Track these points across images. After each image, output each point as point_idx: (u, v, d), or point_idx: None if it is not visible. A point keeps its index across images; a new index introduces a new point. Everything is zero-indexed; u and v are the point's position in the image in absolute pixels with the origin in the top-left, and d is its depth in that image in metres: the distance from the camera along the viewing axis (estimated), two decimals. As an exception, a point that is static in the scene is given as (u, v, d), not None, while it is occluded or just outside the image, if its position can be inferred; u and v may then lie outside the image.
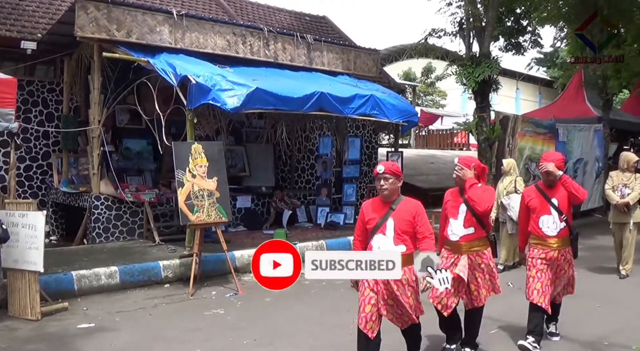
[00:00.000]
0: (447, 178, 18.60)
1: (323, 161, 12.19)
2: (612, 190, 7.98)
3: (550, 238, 5.04)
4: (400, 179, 4.18)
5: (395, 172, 4.16)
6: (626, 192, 7.84)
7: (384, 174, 4.12)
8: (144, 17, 8.80)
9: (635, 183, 7.85)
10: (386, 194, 4.14)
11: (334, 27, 17.41)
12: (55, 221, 10.64)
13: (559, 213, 5.03)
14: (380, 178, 4.13)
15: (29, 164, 10.55)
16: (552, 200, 5.05)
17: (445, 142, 29.27)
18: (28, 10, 11.04)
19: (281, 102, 8.41)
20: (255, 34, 10.08)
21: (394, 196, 4.13)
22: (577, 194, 4.95)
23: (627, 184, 7.86)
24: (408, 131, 27.52)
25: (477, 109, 12.05)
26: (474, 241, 4.65)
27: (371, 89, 10.42)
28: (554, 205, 5.04)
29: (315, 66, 10.85)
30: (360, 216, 4.28)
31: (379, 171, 4.12)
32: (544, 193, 5.11)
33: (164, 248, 8.65)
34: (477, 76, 11.28)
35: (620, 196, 7.88)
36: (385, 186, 4.11)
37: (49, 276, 6.51)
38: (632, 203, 7.82)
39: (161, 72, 8.12)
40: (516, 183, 8.20)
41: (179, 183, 7.37)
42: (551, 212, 5.04)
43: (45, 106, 10.69)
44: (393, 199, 4.13)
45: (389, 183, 4.11)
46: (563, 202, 5.05)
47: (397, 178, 4.15)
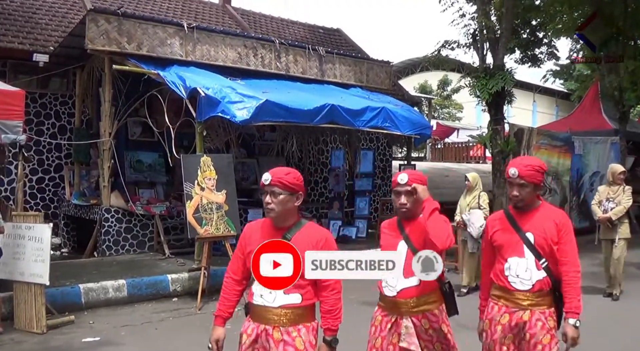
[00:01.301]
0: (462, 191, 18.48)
1: (335, 174, 12.13)
2: (597, 205, 7.61)
3: (520, 293, 3.19)
4: (296, 197, 2.89)
5: None
6: (609, 207, 7.43)
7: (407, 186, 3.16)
8: (155, 29, 8.85)
9: (623, 196, 7.42)
10: (406, 211, 3.20)
11: (347, 39, 17.43)
12: (67, 234, 10.70)
13: (536, 255, 3.17)
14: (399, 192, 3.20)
15: (41, 177, 10.63)
16: (527, 235, 3.20)
17: (461, 155, 29.08)
18: (41, 24, 11.16)
19: (291, 114, 8.38)
20: (266, 46, 10.09)
21: (289, 220, 2.89)
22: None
23: (613, 198, 7.44)
24: (423, 144, 27.71)
25: (491, 121, 11.91)
26: (419, 296, 3.15)
27: (383, 102, 10.34)
28: (529, 242, 3.18)
29: (327, 78, 10.83)
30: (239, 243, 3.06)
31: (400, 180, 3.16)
32: (515, 223, 3.26)
33: (174, 261, 8.62)
34: (490, 87, 11.16)
35: (603, 210, 7.48)
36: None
37: (56, 289, 6.49)
38: (614, 218, 7.37)
39: (171, 84, 8.14)
40: (479, 198, 7.76)
41: (187, 195, 7.34)
42: (524, 253, 3.18)
43: (57, 118, 10.79)
44: (287, 226, 2.88)
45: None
46: (542, 237, 3.17)
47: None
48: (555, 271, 3.18)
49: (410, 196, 3.15)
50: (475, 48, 12.19)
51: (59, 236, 10.61)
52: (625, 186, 7.52)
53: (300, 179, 2.86)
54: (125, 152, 10.53)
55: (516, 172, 3.18)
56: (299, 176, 2.86)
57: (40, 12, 11.58)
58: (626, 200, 7.40)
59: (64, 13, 11.86)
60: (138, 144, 10.95)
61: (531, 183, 3.18)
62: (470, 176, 8.05)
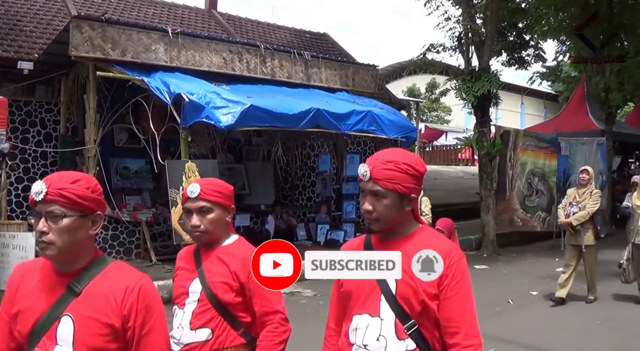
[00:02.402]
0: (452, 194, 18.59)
1: (322, 178, 12.15)
2: (562, 209, 7.35)
3: None
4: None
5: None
6: (572, 211, 7.10)
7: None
8: (139, 35, 8.85)
9: (589, 200, 7.06)
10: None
11: (334, 44, 17.47)
12: (52, 242, 10.58)
13: (398, 314, 1.88)
14: None
15: (27, 185, 10.52)
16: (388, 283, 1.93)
17: (450, 158, 29.24)
18: (25, 31, 11.07)
19: (276, 119, 8.40)
20: (252, 51, 10.11)
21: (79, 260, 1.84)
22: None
23: (579, 202, 7.10)
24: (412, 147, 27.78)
25: (477, 124, 12.01)
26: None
27: (369, 105, 10.39)
28: (389, 292, 1.91)
29: (313, 82, 10.86)
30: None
31: None
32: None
33: (160, 268, 8.59)
34: (476, 90, 11.26)
35: (566, 215, 7.20)
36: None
37: (39, 298, 6.43)
38: (575, 223, 7.03)
39: (155, 90, 8.15)
40: (421, 203, 7.16)
41: (172, 201, 7.35)
42: (379, 309, 1.91)
43: (43, 126, 10.72)
44: (76, 270, 1.83)
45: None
46: (409, 285, 1.88)
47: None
48: (433, 343, 1.89)
49: (205, 215, 2.34)
50: (460, 51, 12.30)
51: (44, 244, 10.54)
52: (594, 190, 7.21)
53: (95, 192, 1.83)
54: (111, 159, 10.52)
55: (367, 173, 1.92)
56: (96, 187, 1.85)
57: (25, 19, 11.49)
58: (591, 205, 7.03)
59: (49, 20, 11.78)
60: (124, 150, 10.93)
61: (393, 191, 1.90)
62: None
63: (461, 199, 17.41)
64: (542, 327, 6.30)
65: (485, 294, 7.34)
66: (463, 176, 21.89)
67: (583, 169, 7.37)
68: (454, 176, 21.81)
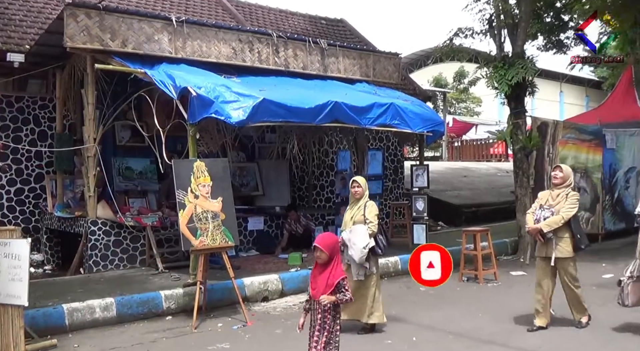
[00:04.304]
0: (483, 193, 18.48)
1: (342, 177, 12.14)
2: (531, 213, 6.63)
3: None
4: None
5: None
6: (542, 215, 6.44)
7: None
8: (141, 24, 8.86)
9: (564, 203, 6.40)
10: None
11: (352, 31, 17.45)
12: (50, 249, 10.70)
13: None
14: None
15: (21, 188, 10.66)
16: None
17: (481, 153, 29.04)
18: (14, 20, 11.02)
19: (291, 113, 8.38)
20: (263, 40, 10.11)
21: None
22: None
23: (552, 205, 6.44)
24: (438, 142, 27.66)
25: (511, 115, 11.87)
26: None
27: (392, 97, 10.35)
28: None
29: (330, 73, 10.84)
30: None
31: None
32: None
33: (167, 276, 8.64)
34: (509, 78, 11.10)
35: (535, 220, 6.50)
36: None
37: (36, 311, 6.50)
38: (546, 229, 6.34)
39: (159, 84, 8.17)
40: (365, 209, 6.50)
41: (180, 204, 7.36)
42: None
43: (37, 123, 10.82)
44: None
45: None
46: None
47: None
48: None
49: None
50: (491, 35, 12.16)
51: (40, 252, 10.66)
52: (571, 192, 6.48)
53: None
54: (112, 158, 10.60)
55: None
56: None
57: (14, 7, 11.42)
58: (567, 209, 6.35)
59: (40, 8, 11.75)
60: (127, 149, 11.01)
61: None
62: (360, 179, 6.78)
63: (494, 199, 17.30)
64: (586, 342, 6.19)
65: (523, 304, 7.28)
66: (496, 173, 21.70)
67: (556, 166, 6.74)
68: (486, 173, 21.63)
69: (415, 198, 10.70)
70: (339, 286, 4.36)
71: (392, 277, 9.54)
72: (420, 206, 10.56)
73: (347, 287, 4.40)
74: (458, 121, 32.06)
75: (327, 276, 4.39)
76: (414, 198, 10.76)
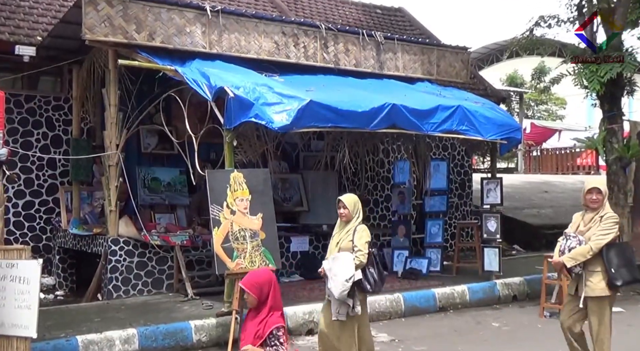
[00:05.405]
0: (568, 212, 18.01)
1: (400, 191, 12.08)
2: (560, 242, 6.13)
3: None
4: None
5: None
6: (568, 246, 5.92)
7: None
8: (170, 14, 9.00)
9: (596, 229, 5.82)
10: None
11: (413, 21, 17.45)
12: (63, 272, 10.85)
13: None
14: None
15: (30, 200, 10.83)
16: None
17: (565, 164, 28.46)
18: (23, 7, 11.09)
19: (342, 118, 8.40)
20: (310, 33, 10.18)
21: None
22: None
23: (582, 232, 5.93)
24: (513, 152, 27.26)
25: (604, 119, 11.65)
26: None
27: (459, 99, 10.28)
28: None
29: (387, 71, 10.85)
30: None
31: None
32: None
33: (198, 303, 8.72)
34: (602, 75, 10.89)
35: (561, 251, 5.99)
36: None
37: (46, 343, 6.56)
38: (569, 264, 5.82)
39: (192, 83, 8.30)
40: (355, 234, 6.03)
41: (214, 221, 7.45)
42: None
43: (50, 127, 10.97)
44: None
45: None
46: None
47: None
48: None
49: None
50: (581, 23, 11.96)
51: (52, 274, 10.83)
52: (607, 214, 5.89)
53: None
54: (137, 168, 10.79)
55: None
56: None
57: (22, -9, 11.42)
58: (598, 237, 5.78)
59: (54, -6, 11.79)
60: (153, 158, 11.19)
61: None
62: (347, 199, 6.19)
63: (581, 219, 16.90)
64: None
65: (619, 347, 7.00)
66: (583, 189, 21.25)
67: (592, 188, 5.94)
68: (571, 189, 21.13)
69: (486, 217, 10.57)
70: (270, 338, 4.16)
71: (459, 309, 9.41)
72: (491, 226, 10.43)
73: (282, 339, 4.20)
74: (537, 126, 31.55)
75: (257, 324, 4.20)
76: (485, 216, 10.63)
